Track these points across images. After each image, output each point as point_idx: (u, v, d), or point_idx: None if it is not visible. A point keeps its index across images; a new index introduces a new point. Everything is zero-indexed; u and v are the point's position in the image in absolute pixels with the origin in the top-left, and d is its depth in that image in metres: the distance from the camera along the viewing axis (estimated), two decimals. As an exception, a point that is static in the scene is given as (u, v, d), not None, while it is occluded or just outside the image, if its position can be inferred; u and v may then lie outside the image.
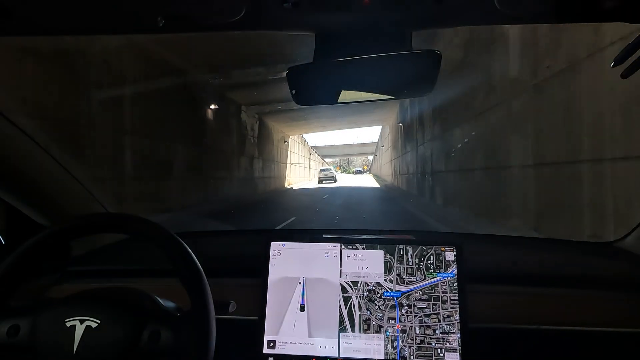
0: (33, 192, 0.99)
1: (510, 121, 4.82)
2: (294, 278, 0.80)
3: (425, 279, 0.77)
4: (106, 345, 0.63)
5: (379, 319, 0.76)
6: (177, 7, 0.51)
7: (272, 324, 0.78)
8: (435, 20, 0.55)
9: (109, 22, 0.55)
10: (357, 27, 0.58)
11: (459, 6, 0.51)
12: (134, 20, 0.54)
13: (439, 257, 0.78)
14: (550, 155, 3.84)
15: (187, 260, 0.64)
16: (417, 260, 0.79)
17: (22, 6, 0.49)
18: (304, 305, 0.79)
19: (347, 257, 0.81)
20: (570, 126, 3.48)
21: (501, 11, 0.51)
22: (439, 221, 6.69)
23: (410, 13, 0.53)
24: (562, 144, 3.59)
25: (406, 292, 0.77)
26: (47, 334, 0.65)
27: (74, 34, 0.63)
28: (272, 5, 0.50)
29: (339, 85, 0.76)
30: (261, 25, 0.58)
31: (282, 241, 0.83)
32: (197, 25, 0.56)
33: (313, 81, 0.76)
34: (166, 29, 0.56)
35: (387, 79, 0.75)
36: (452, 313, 0.75)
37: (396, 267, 0.79)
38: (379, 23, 0.57)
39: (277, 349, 0.77)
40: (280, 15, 0.53)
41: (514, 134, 4.70)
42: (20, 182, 0.95)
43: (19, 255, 0.66)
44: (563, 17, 0.48)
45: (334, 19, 0.55)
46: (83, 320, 0.64)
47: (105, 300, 0.67)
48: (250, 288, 0.87)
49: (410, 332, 0.75)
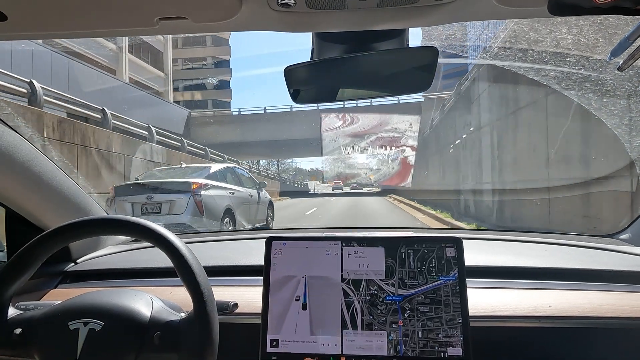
0: (34, 198, 0.99)
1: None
2: (295, 277, 0.81)
3: (427, 282, 0.77)
4: (110, 347, 0.63)
5: (382, 323, 0.76)
6: (173, 7, 0.51)
7: (275, 323, 0.78)
8: (433, 17, 0.55)
9: (106, 24, 0.55)
10: (354, 25, 0.58)
11: (455, 3, 0.51)
12: (130, 21, 0.54)
13: (440, 260, 0.78)
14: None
15: (189, 262, 0.64)
16: (418, 264, 0.78)
17: (17, 9, 0.49)
18: (306, 303, 0.79)
19: (348, 255, 0.81)
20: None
21: (498, 7, 0.51)
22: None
23: (407, 10, 0.53)
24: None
25: (408, 296, 0.77)
26: (50, 337, 0.65)
27: (69, 36, 0.63)
28: (269, 4, 0.50)
29: (337, 83, 0.76)
30: (258, 25, 0.58)
31: (283, 240, 0.83)
32: (194, 26, 0.56)
33: (311, 80, 0.76)
34: (162, 30, 0.56)
35: (385, 76, 0.75)
36: (455, 316, 0.75)
37: (398, 271, 0.79)
38: (375, 21, 0.56)
39: (280, 348, 0.77)
40: (277, 14, 0.53)
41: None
42: (22, 188, 0.95)
43: (20, 256, 0.66)
44: (559, 11, 0.48)
45: (331, 17, 0.55)
46: (87, 323, 0.64)
47: (108, 303, 0.67)
48: (252, 288, 0.88)
49: (413, 337, 0.75)
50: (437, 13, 0.53)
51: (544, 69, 4.38)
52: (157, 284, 0.96)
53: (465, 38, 7.20)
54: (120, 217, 0.70)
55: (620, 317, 0.81)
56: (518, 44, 4.73)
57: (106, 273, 1.08)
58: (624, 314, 0.82)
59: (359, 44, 0.67)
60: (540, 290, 0.89)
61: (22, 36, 0.59)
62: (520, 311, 0.83)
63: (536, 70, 4.70)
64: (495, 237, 1.22)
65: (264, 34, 49.37)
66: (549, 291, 0.89)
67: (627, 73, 3.31)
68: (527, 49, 4.49)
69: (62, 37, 0.63)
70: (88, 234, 0.72)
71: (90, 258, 1.15)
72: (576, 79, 3.81)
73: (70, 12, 0.51)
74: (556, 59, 3.93)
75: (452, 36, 7.12)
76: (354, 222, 9.89)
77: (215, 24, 0.55)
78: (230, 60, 30.88)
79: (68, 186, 1.05)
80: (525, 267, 0.97)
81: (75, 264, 1.11)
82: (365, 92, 0.80)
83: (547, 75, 4.48)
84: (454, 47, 6.89)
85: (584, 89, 3.77)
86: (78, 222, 0.69)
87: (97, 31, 0.59)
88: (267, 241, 0.83)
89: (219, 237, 1.34)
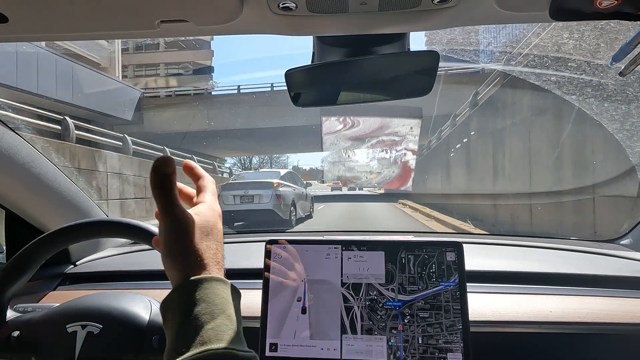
0: (34, 200, 0.99)
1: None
2: (295, 280, 0.80)
3: (428, 288, 0.77)
4: (108, 350, 0.62)
5: (381, 329, 0.76)
6: (175, 11, 0.51)
7: (274, 327, 0.78)
8: (434, 21, 0.55)
9: (106, 27, 0.55)
10: (355, 29, 0.58)
11: (457, 7, 0.51)
12: (131, 24, 0.54)
13: (440, 266, 0.78)
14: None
15: None
16: (419, 269, 0.78)
17: (18, 10, 0.49)
18: (305, 307, 0.79)
19: (348, 259, 0.80)
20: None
21: (499, 11, 0.51)
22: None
23: (408, 14, 0.53)
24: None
25: (408, 302, 0.77)
26: (48, 339, 0.64)
27: (70, 38, 0.63)
28: (270, 8, 0.50)
29: (338, 86, 0.76)
30: (259, 28, 0.58)
31: (283, 243, 0.83)
32: (195, 29, 0.56)
33: (312, 83, 0.76)
34: (163, 33, 0.56)
35: (386, 80, 0.75)
36: (455, 322, 0.74)
37: (398, 276, 0.78)
38: (376, 24, 0.57)
39: (280, 352, 0.77)
40: (278, 17, 0.53)
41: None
42: (22, 189, 0.95)
43: (19, 258, 0.66)
44: (560, 16, 0.48)
45: (332, 21, 0.55)
46: (85, 326, 0.63)
47: (107, 306, 0.66)
48: (251, 291, 0.87)
49: (413, 342, 0.74)
50: (438, 17, 0.53)
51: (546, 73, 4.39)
52: (156, 286, 0.96)
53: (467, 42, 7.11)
54: (119, 219, 0.69)
55: (621, 323, 0.81)
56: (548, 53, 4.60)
57: (105, 275, 1.07)
58: (625, 320, 0.81)
59: (360, 47, 0.67)
60: (541, 296, 0.89)
61: (23, 38, 0.59)
62: (520, 316, 0.83)
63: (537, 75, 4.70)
64: (495, 242, 1.21)
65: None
66: (549, 296, 0.88)
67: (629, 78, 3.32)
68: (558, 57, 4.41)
69: (63, 39, 0.63)
70: (87, 236, 0.72)
71: (89, 260, 1.15)
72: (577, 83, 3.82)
73: (72, 15, 0.51)
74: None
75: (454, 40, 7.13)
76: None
77: (217, 27, 0.55)
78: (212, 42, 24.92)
79: (68, 188, 1.05)
80: (526, 272, 0.97)
81: (75, 266, 1.11)
82: (366, 95, 0.80)
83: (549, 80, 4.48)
84: (455, 51, 6.89)
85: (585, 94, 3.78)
86: (78, 224, 0.68)
87: (98, 33, 0.60)
88: (266, 244, 0.82)
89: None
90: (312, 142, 19.39)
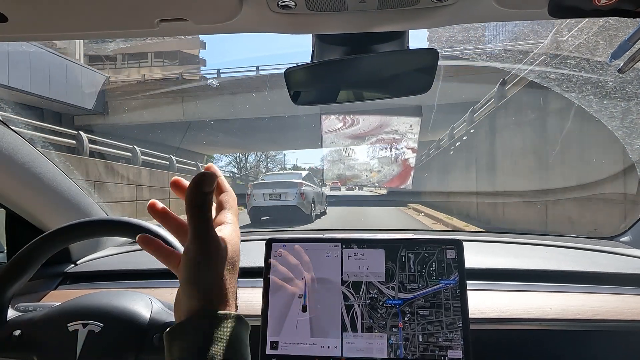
0: (34, 199, 0.99)
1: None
2: (295, 279, 0.80)
3: (428, 286, 0.77)
4: (109, 349, 0.63)
5: (382, 327, 0.76)
6: (174, 9, 0.51)
7: (275, 325, 0.78)
8: (433, 19, 0.55)
9: (106, 25, 0.55)
10: (354, 27, 0.58)
11: (455, 4, 0.51)
12: (130, 23, 0.54)
13: (440, 264, 0.78)
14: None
15: None
16: (419, 267, 0.78)
17: (18, 10, 0.49)
18: (305, 305, 0.79)
19: (349, 257, 0.81)
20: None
21: (498, 9, 0.51)
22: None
23: (407, 12, 0.53)
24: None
25: (408, 300, 0.77)
26: (49, 338, 0.64)
27: (70, 37, 0.63)
28: (269, 6, 0.50)
29: (338, 84, 0.76)
30: (258, 27, 0.58)
31: (283, 242, 0.83)
32: (194, 27, 0.56)
33: (311, 82, 0.76)
34: (162, 32, 0.56)
35: (386, 78, 0.75)
36: (455, 320, 0.75)
37: (398, 275, 0.78)
38: (375, 22, 0.57)
39: (280, 350, 0.77)
40: (277, 16, 0.53)
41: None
42: (22, 189, 0.95)
43: (20, 257, 0.66)
44: (559, 13, 0.48)
45: (331, 19, 0.55)
46: (86, 325, 0.63)
47: (107, 304, 0.66)
48: (252, 289, 0.87)
49: (414, 340, 0.75)
50: (437, 15, 0.53)
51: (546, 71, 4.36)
52: (156, 285, 0.96)
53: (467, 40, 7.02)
54: (120, 218, 0.70)
55: (621, 320, 0.81)
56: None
57: (106, 274, 1.07)
58: (625, 317, 0.81)
59: (359, 45, 0.67)
60: (541, 293, 0.89)
61: (22, 37, 0.59)
62: (520, 314, 0.83)
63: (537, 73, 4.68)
64: (495, 239, 1.21)
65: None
66: (549, 294, 0.88)
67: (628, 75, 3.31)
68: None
69: (62, 38, 0.63)
70: (88, 235, 0.72)
71: (90, 259, 1.15)
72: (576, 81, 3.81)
73: (71, 14, 0.51)
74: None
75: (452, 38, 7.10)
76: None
77: (216, 25, 0.55)
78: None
79: (68, 187, 1.05)
80: (526, 269, 0.97)
81: (75, 265, 1.11)
82: (365, 93, 0.80)
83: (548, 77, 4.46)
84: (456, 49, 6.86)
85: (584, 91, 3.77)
86: (78, 223, 0.68)
87: (97, 33, 0.60)
88: (267, 243, 0.82)
89: None
90: (310, 137, 16.86)
